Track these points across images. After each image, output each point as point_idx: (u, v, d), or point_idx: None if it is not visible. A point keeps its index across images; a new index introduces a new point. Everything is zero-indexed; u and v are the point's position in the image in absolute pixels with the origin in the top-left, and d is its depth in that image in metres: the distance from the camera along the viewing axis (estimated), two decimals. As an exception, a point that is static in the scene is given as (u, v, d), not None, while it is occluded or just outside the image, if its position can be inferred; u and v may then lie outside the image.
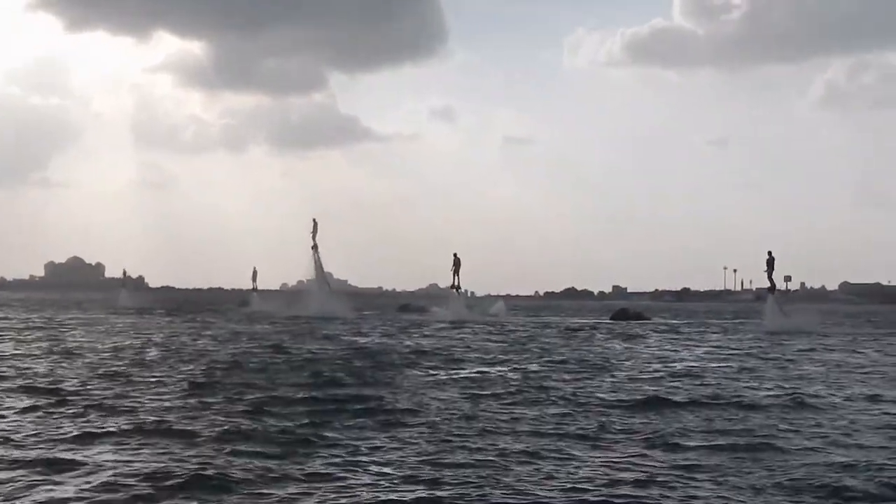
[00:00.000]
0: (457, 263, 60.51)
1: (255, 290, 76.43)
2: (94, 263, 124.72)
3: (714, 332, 41.41)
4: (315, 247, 65.73)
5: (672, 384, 16.72)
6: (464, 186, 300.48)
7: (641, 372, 19.39)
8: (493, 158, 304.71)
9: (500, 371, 19.02)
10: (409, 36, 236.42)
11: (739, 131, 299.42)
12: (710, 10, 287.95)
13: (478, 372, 18.67)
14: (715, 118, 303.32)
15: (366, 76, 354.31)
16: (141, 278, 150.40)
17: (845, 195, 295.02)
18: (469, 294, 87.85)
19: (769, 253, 46.93)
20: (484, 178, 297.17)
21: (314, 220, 66.37)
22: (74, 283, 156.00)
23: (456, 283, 60.49)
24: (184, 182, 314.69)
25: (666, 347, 29.15)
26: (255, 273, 77.32)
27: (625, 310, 65.61)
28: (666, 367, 20.93)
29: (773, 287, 47.88)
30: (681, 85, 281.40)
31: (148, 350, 23.48)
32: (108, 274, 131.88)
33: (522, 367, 20.10)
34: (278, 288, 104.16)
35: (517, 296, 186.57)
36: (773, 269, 46.70)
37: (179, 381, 15.64)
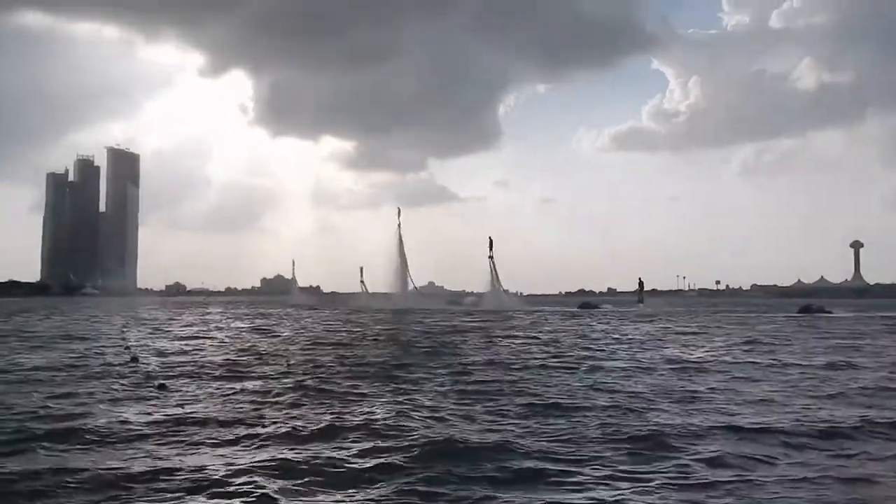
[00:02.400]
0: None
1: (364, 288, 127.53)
2: (289, 278, 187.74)
3: (617, 316, 71.02)
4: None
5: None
6: (515, 229, 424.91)
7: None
8: (532, 212, 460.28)
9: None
10: (478, 135, 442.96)
11: (687, 191, 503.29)
12: (666, 115, 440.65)
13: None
14: (671, 183, 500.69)
15: (452, 161, 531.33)
16: (318, 287, 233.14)
17: (755, 227, 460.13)
18: (518, 293, 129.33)
19: (639, 279, 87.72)
20: (527, 225, 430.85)
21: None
22: (278, 290, 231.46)
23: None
24: (343, 228, 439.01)
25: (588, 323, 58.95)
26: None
27: (587, 302, 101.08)
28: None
29: (641, 299, 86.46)
30: (648, 162, 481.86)
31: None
32: (299, 284, 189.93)
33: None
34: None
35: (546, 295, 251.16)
36: (643, 288, 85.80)
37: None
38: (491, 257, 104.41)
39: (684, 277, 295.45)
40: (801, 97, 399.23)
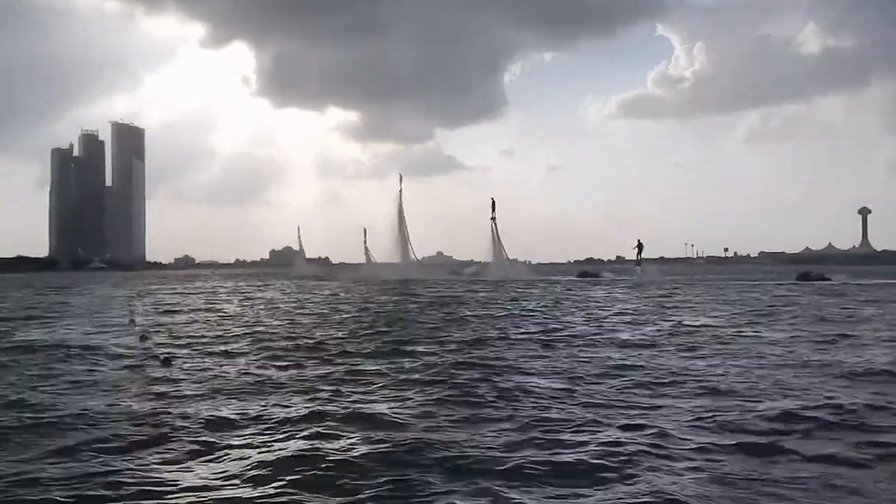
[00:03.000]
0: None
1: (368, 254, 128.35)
2: (297, 249, 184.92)
3: (612, 284, 70.96)
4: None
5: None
6: (522, 197, 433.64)
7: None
8: (539, 179, 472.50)
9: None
10: (484, 104, 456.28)
11: (693, 158, 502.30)
12: (671, 81, 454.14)
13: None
14: (677, 149, 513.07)
15: (458, 130, 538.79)
16: (327, 258, 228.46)
17: (762, 194, 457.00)
18: (527, 262, 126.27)
19: (638, 241, 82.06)
20: (534, 193, 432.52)
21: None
22: (286, 262, 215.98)
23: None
24: (349, 199, 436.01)
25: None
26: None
27: (586, 271, 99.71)
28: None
29: (639, 262, 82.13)
30: (654, 129, 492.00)
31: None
32: (307, 256, 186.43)
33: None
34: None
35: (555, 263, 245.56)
36: (641, 250, 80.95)
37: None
38: (493, 219, 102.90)
39: (692, 245, 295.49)
40: (806, 62, 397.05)
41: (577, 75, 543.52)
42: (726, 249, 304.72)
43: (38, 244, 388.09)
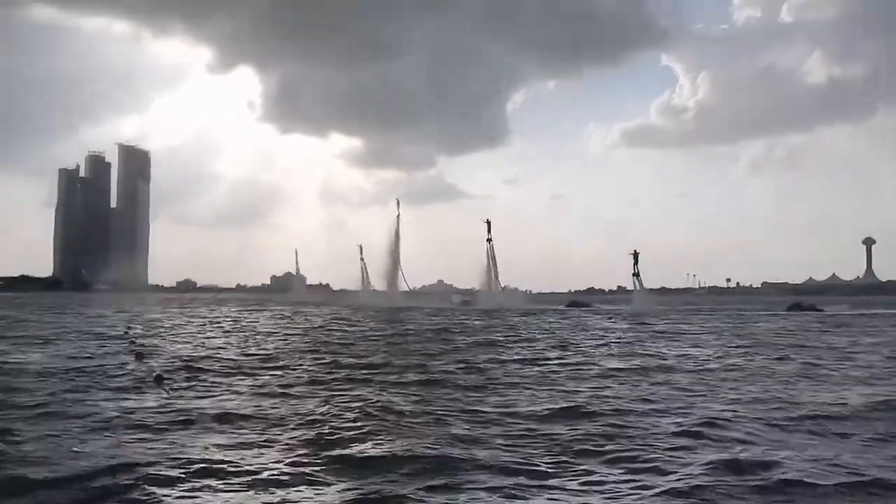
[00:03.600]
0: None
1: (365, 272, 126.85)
2: (298, 275, 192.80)
3: (606, 313, 71.05)
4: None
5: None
6: (524, 225, 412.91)
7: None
8: (542, 208, 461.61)
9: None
10: (487, 132, 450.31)
11: (697, 187, 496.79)
12: (675, 111, 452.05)
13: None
14: (680, 179, 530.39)
15: (461, 158, 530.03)
16: (328, 284, 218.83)
17: (765, 224, 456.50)
18: (527, 291, 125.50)
19: (634, 251, 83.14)
20: (537, 222, 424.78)
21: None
22: (288, 287, 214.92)
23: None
24: (352, 225, 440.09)
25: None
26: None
27: (576, 301, 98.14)
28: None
29: (637, 273, 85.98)
30: (657, 159, 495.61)
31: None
32: (308, 282, 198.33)
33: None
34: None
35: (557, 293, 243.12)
36: (637, 261, 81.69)
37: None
38: (489, 240, 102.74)
39: (694, 275, 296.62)
40: (811, 92, 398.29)
41: (580, 104, 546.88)
42: (728, 280, 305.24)
43: (42, 264, 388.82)
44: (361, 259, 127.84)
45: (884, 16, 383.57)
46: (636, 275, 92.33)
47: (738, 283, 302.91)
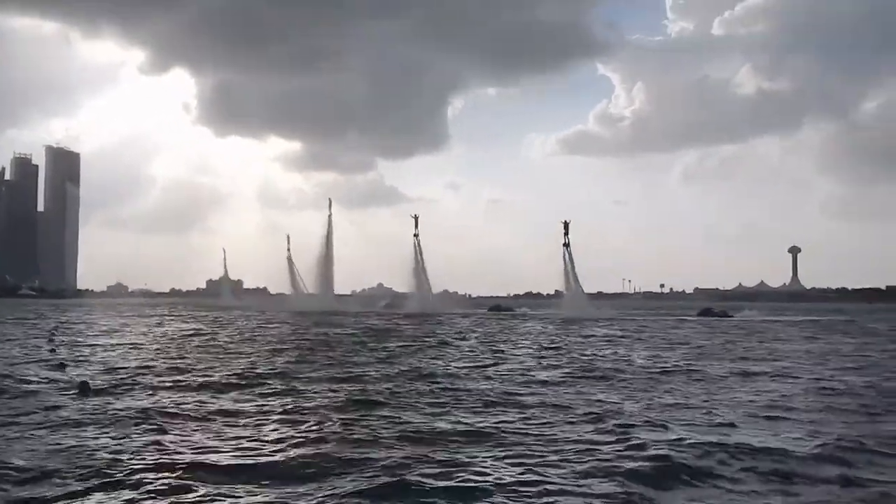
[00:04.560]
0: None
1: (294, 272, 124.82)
2: (236, 279, 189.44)
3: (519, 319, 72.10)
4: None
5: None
6: (465, 230, 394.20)
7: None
8: (481, 212, 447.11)
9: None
10: (427, 137, 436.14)
11: (632, 195, 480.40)
12: (611, 119, 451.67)
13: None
14: (617, 187, 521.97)
15: (402, 162, 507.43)
16: (265, 288, 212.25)
17: (698, 232, 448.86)
18: (467, 295, 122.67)
19: (564, 221, 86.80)
20: (477, 225, 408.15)
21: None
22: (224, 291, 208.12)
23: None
24: (289, 228, 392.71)
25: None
26: None
27: (498, 305, 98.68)
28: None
29: (567, 244, 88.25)
30: (594, 166, 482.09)
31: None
32: (245, 286, 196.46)
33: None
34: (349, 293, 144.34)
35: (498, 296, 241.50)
36: (567, 231, 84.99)
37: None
38: (416, 236, 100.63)
39: (630, 281, 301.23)
40: (742, 104, 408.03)
41: (519, 111, 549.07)
42: (662, 285, 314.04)
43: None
44: (288, 250, 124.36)
45: (811, 32, 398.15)
46: (566, 245, 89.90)
47: (671, 289, 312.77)
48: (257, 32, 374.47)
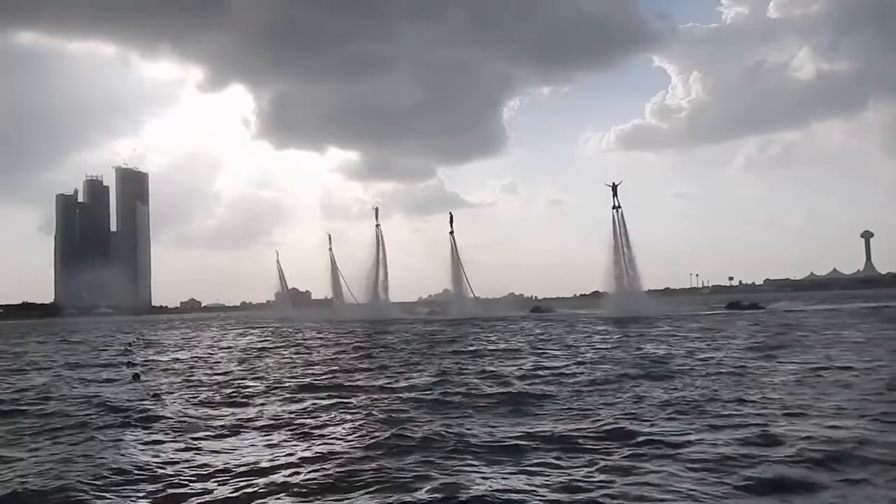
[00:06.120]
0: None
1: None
2: (304, 291, 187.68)
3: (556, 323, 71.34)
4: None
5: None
6: (527, 232, 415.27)
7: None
8: (542, 214, 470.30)
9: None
10: (485, 141, 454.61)
11: (694, 187, 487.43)
12: (669, 112, 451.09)
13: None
14: (677, 180, 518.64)
15: (461, 167, 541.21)
16: (332, 298, 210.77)
17: (764, 221, 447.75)
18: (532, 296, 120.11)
19: (613, 183, 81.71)
20: (539, 228, 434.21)
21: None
22: (294, 304, 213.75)
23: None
24: (353, 239, 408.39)
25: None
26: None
27: (538, 307, 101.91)
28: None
29: (616, 206, 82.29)
30: (653, 160, 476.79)
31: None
32: (314, 297, 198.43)
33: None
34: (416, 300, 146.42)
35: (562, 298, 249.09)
36: (616, 192, 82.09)
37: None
38: (452, 233, 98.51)
39: (697, 275, 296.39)
40: (802, 88, 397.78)
41: (575, 109, 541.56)
42: (731, 278, 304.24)
43: (43, 290, 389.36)
44: (330, 249, 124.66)
45: (868, 9, 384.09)
46: (616, 207, 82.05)
47: (740, 281, 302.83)
48: (309, 42, 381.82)
